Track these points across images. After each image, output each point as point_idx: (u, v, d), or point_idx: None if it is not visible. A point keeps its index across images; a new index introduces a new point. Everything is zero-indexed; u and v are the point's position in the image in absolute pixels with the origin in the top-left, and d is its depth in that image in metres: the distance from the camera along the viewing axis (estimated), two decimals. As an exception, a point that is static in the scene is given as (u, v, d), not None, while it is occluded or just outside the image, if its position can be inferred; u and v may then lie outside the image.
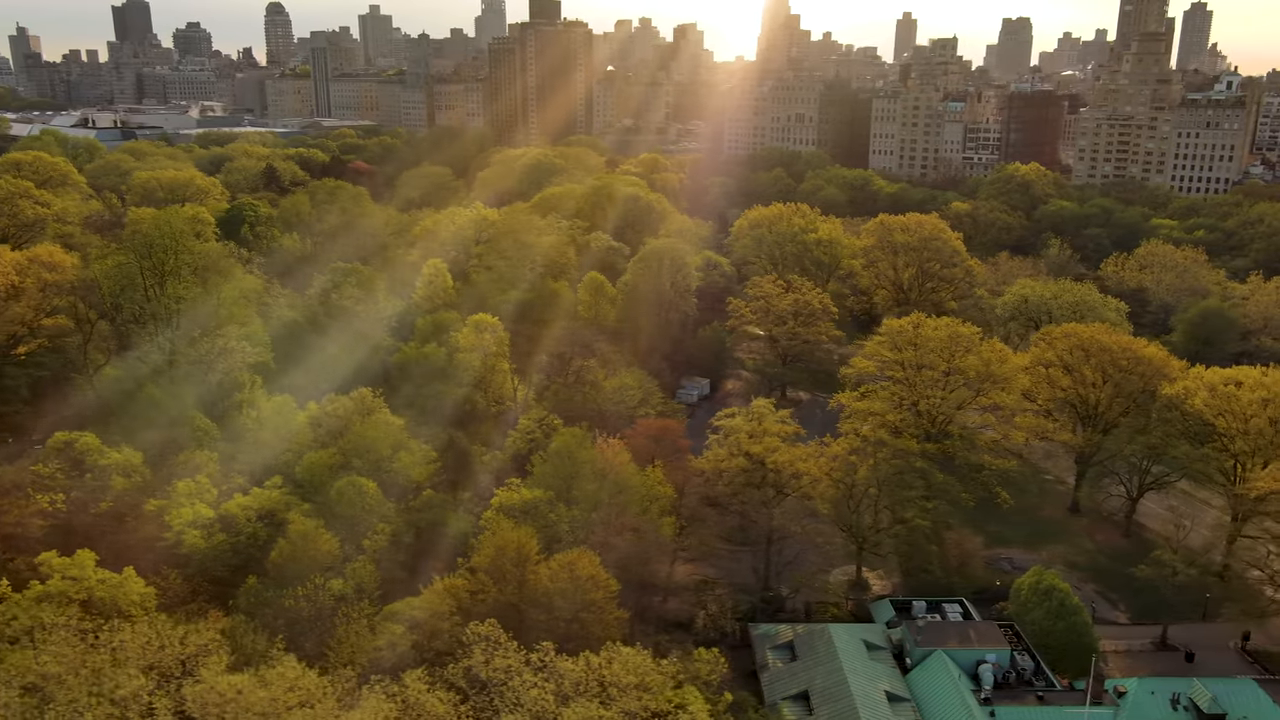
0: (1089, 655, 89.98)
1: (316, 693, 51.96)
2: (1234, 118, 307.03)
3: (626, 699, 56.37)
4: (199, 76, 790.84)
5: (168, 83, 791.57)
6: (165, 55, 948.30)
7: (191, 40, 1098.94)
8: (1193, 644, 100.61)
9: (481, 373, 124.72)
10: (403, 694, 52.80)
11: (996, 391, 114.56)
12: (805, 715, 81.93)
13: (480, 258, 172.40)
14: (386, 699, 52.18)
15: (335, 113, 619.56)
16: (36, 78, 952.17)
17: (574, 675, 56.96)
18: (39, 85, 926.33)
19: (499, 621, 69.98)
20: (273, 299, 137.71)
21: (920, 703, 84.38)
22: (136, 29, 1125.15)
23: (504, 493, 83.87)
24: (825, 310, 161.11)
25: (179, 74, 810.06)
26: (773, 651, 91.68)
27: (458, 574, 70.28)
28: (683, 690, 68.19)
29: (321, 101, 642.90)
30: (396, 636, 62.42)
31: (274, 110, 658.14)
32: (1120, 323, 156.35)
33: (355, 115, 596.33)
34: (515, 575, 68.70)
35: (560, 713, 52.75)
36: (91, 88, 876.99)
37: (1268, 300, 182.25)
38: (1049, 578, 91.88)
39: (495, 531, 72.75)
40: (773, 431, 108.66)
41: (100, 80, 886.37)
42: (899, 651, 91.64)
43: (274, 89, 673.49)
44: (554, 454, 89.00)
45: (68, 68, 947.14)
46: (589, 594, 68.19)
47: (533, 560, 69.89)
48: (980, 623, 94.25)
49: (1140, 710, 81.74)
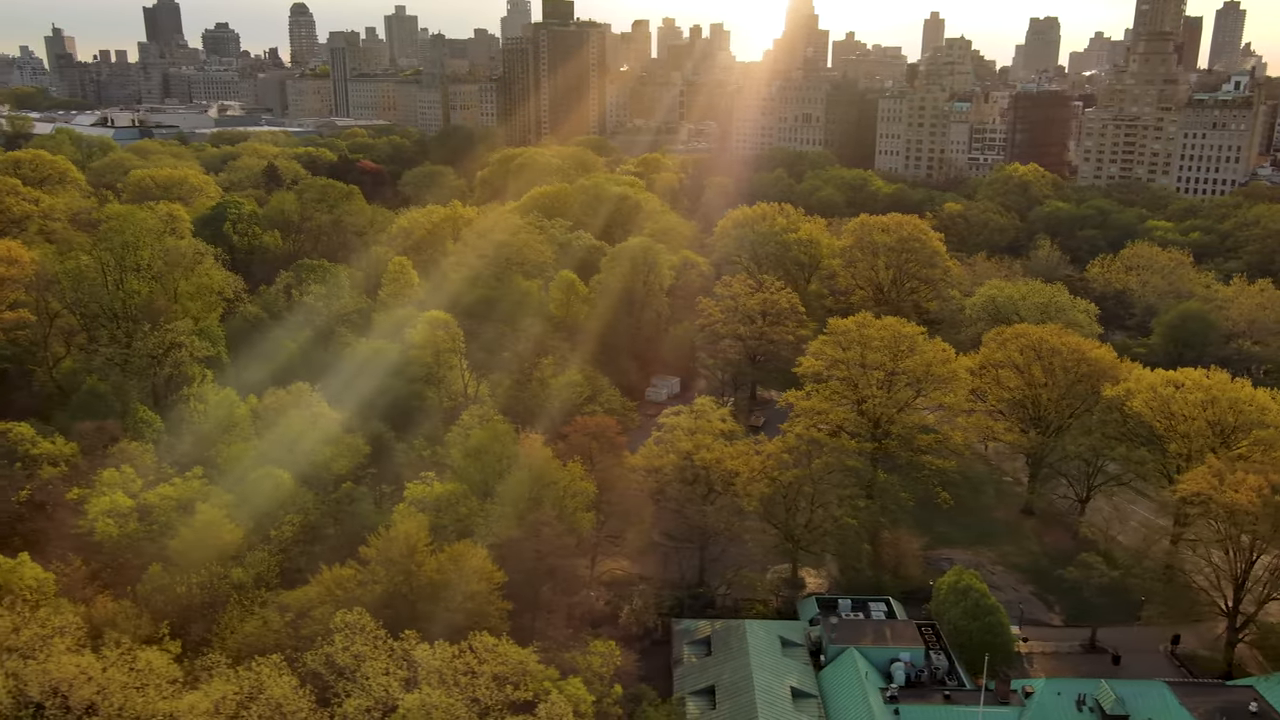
0: (1005, 655, 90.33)
1: (164, 674, 53.48)
2: (1241, 118, 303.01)
3: (480, 686, 57.38)
4: (223, 76, 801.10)
5: (192, 83, 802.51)
6: (191, 55, 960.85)
7: (220, 41, 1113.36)
8: (1124, 647, 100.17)
9: (434, 368, 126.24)
10: (248, 677, 54.21)
11: (936, 391, 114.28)
12: (709, 709, 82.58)
13: (454, 255, 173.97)
14: (229, 681, 53.62)
15: (354, 112, 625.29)
16: (68, 78, 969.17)
17: (431, 663, 58.05)
18: (70, 85, 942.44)
19: (393, 611, 71.49)
20: (236, 295, 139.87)
21: (827, 699, 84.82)
22: (167, 29, 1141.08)
23: (415, 486, 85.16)
24: (794, 310, 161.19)
25: (204, 74, 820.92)
26: (689, 646, 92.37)
27: (347, 565, 71.58)
28: (566, 681, 69.17)
29: (340, 101, 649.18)
30: (268, 623, 63.85)
31: (294, 110, 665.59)
32: (1089, 324, 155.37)
33: (373, 115, 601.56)
34: (403, 566, 69.98)
35: (401, 698, 53.87)
36: (120, 87, 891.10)
37: (1250, 303, 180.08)
38: (967, 577, 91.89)
39: (393, 524, 74.06)
40: (713, 430, 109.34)
41: (129, 80, 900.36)
42: (817, 649, 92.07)
43: (294, 89, 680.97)
44: (472, 449, 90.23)
45: (98, 68, 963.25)
46: (472, 585, 69.31)
47: (421, 552, 71.10)
48: (898, 621, 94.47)
49: (1045, 711, 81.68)
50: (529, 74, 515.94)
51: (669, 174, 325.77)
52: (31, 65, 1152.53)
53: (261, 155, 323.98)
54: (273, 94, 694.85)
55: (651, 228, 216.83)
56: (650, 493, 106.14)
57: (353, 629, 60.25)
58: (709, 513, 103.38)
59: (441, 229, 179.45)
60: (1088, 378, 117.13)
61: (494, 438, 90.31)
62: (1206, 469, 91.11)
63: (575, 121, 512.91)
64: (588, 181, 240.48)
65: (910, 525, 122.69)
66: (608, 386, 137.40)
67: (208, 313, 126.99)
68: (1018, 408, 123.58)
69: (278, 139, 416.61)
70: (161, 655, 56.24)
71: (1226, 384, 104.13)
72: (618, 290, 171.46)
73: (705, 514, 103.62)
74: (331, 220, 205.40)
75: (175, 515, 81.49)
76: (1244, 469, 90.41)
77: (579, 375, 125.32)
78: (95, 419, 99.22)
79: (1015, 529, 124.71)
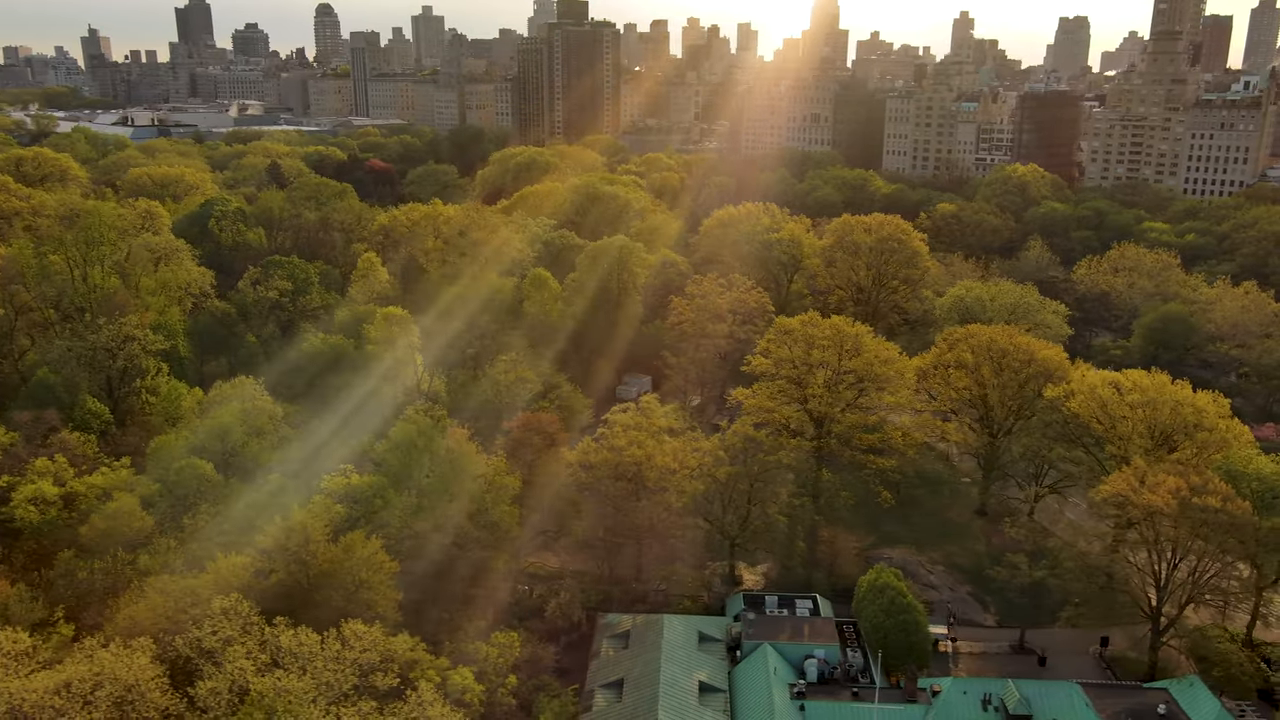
0: (921, 653, 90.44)
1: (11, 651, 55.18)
2: (1249, 119, 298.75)
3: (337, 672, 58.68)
4: (248, 76, 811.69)
5: (218, 82, 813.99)
6: (218, 55, 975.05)
7: (249, 41, 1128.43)
8: (1054, 648, 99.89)
9: (390, 364, 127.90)
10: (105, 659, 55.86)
11: (877, 391, 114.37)
12: (616, 702, 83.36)
13: (431, 253, 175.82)
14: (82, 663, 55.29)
15: (373, 112, 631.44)
16: (100, 78, 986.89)
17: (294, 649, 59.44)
18: (102, 85, 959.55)
19: (290, 599, 73.03)
20: (203, 291, 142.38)
21: (736, 694, 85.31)
22: (198, 30, 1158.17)
23: (329, 478, 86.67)
24: (763, 309, 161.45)
25: (229, 74, 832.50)
26: (609, 640, 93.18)
27: (244, 553, 73.13)
28: (455, 670, 70.35)
29: (361, 101, 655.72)
30: (153, 607, 65.52)
31: (316, 109, 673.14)
32: (1058, 325, 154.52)
33: (392, 114, 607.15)
34: (298, 555, 71.45)
35: (252, 681, 55.23)
36: (150, 87, 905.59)
37: (1234, 306, 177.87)
38: (885, 576, 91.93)
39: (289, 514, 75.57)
40: (650, 427, 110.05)
41: (158, 80, 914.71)
42: (735, 644, 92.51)
43: (316, 88, 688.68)
44: (394, 442, 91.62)
45: (128, 68, 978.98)
46: (362, 574, 70.69)
47: (315, 542, 72.52)
48: (817, 619, 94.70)
49: (949, 709, 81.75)
50: (543, 74, 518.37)
51: (670, 174, 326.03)
52: (66, 65, 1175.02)
53: (270, 154, 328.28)
54: (296, 93, 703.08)
55: (638, 227, 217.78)
56: (583, 488, 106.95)
57: (227, 614, 61.77)
58: (640, 509, 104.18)
59: (421, 227, 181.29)
60: (1036, 379, 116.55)
61: (417, 432, 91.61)
62: (1129, 471, 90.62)
63: (589, 121, 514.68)
64: (578, 181, 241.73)
65: (861, 524, 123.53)
66: (564, 383, 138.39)
67: (170, 307, 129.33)
68: (969, 408, 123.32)
69: (290, 138, 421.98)
70: (14, 635, 58.05)
71: (1164, 386, 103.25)
72: (592, 288, 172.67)
73: (640, 510, 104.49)
74: (320, 218, 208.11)
75: (96, 504, 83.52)
76: (1166, 470, 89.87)
77: (530, 372, 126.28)
78: (43, 409, 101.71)
79: (965, 529, 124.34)
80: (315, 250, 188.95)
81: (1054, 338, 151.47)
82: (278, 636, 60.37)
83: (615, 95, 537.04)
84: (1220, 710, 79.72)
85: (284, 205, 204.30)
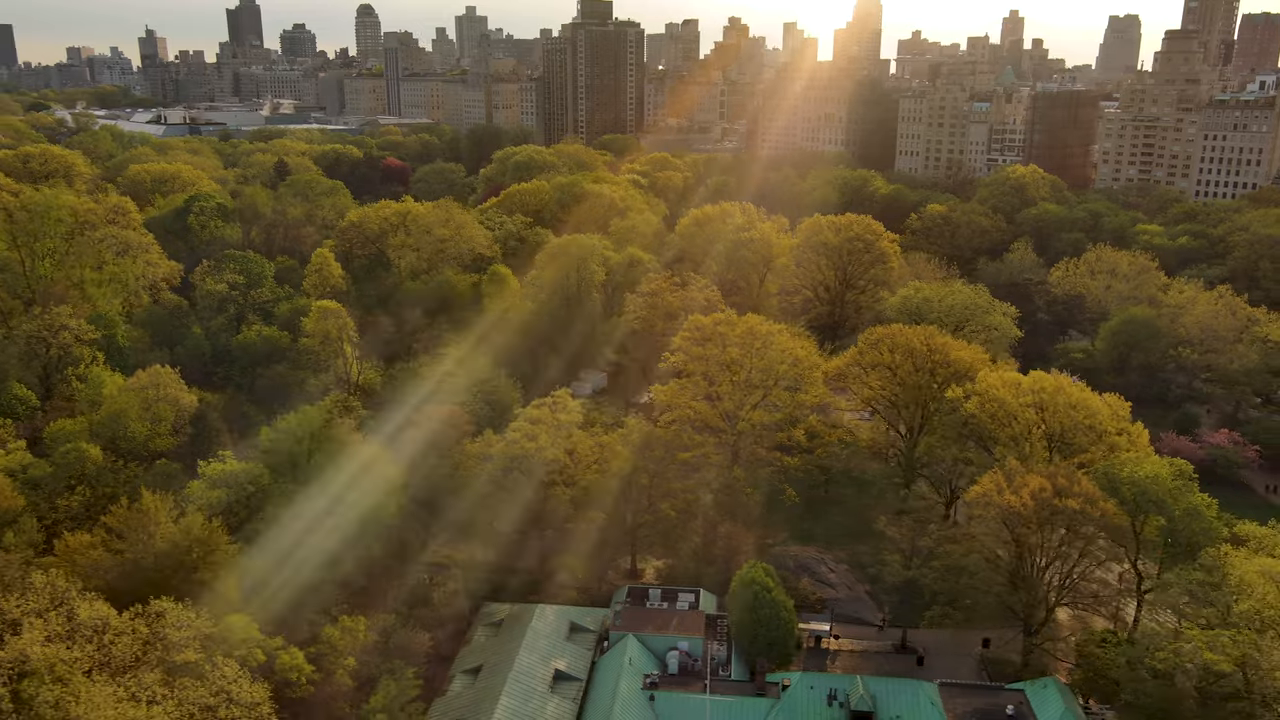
0: (782, 649, 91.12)
1: None
2: (1263, 119, 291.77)
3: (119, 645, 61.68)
4: (289, 76, 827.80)
5: (260, 82, 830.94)
6: (262, 55, 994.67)
7: (297, 41, 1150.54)
8: (940, 649, 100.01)
9: (323, 356, 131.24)
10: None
11: (788, 390, 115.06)
12: (469, 686, 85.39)
13: (398, 249, 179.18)
14: None
15: (405, 111, 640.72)
16: (151, 77, 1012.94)
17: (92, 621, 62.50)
18: (153, 84, 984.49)
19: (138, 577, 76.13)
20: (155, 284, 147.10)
21: (592, 684, 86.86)
22: (248, 30, 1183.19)
23: (208, 465, 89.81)
24: (713, 307, 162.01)
25: (271, 73, 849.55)
26: (484, 628, 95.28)
27: (94, 531, 76.32)
28: (286, 650, 72.87)
29: (393, 100, 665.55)
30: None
31: (350, 108, 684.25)
32: (1006, 326, 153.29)
33: (422, 113, 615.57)
34: (141, 535, 74.49)
35: (33, 652, 58.12)
36: (197, 86, 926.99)
37: (1204, 310, 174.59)
38: (755, 571, 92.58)
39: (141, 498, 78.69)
40: (552, 421, 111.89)
41: (205, 79, 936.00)
42: (606, 635, 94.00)
43: (351, 88, 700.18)
44: (279, 431, 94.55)
45: (177, 68, 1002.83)
46: (194, 554, 73.56)
47: (156, 522, 75.49)
48: (688, 612, 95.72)
49: (795, 703, 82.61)
50: (567, 74, 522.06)
51: (674, 173, 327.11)
52: (121, 65, 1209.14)
53: (279, 151, 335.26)
54: (332, 93, 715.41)
55: (616, 225, 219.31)
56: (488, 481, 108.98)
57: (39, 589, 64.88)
58: (535, 501, 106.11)
59: (392, 223, 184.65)
60: (951, 379, 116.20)
61: (301, 421, 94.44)
62: (998, 472, 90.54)
63: (611, 120, 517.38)
64: (563, 179, 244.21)
65: (781, 522, 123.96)
66: (502, 378, 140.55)
67: (114, 299, 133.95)
68: (889, 408, 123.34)
69: (312, 136, 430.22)
70: None
71: (1058, 388, 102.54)
72: (551, 285, 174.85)
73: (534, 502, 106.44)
74: (304, 213, 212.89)
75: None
76: (1037, 472, 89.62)
77: (454, 366, 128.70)
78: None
79: (881, 530, 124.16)
80: (290, 245, 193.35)
81: (1001, 340, 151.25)
82: (78, 610, 63.38)
83: (639, 95, 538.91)
84: (1064, 711, 79.53)
85: (267, 201, 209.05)
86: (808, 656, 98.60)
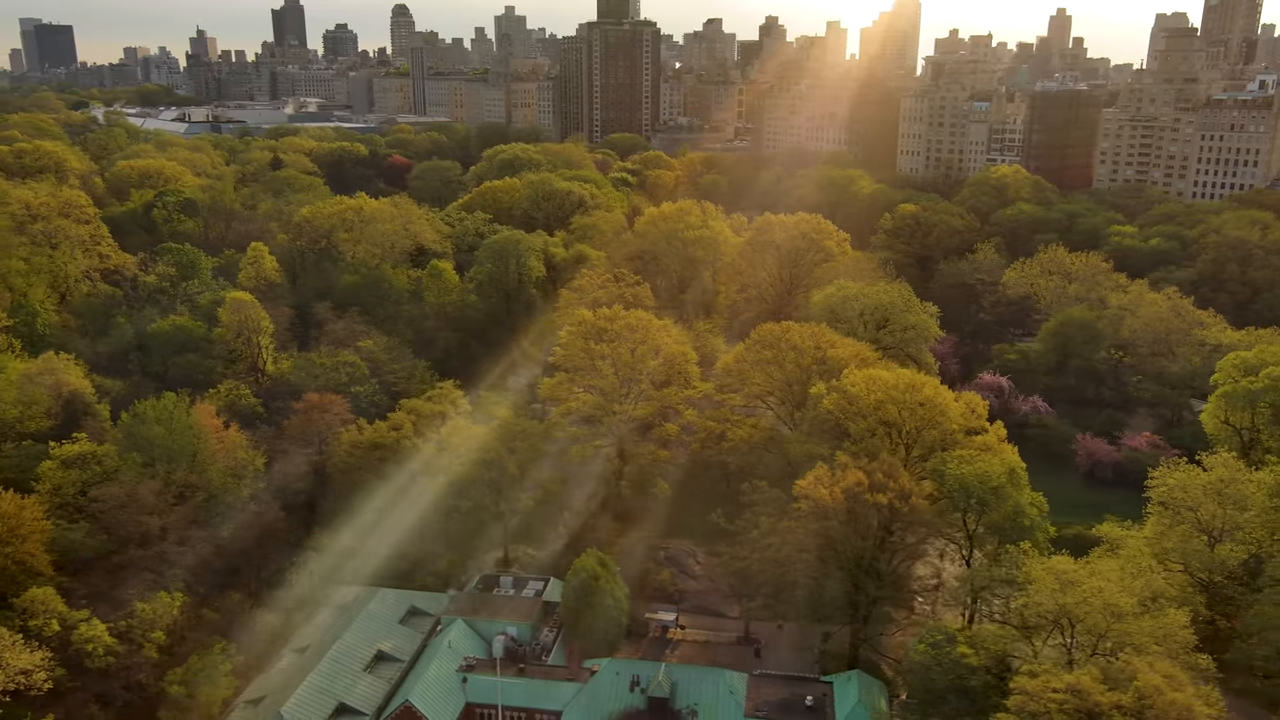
0: (606, 636, 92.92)
1: None
2: (1260, 119, 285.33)
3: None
4: (323, 75, 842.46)
5: (295, 81, 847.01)
6: (299, 55, 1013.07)
7: (339, 40, 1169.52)
8: (787, 642, 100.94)
9: (234, 346, 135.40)
10: None
11: (648, 387, 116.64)
12: (293, 664, 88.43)
13: (345, 245, 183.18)
14: None
15: (430, 110, 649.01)
16: (195, 76, 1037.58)
17: None
18: (197, 83, 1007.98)
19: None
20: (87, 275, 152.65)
21: (416, 665, 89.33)
22: (292, 29, 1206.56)
23: (60, 446, 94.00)
24: (639, 303, 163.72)
25: (306, 72, 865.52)
26: (328, 609, 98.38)
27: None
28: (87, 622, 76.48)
29: (419, 99, 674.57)
30: None
31: (379, 106, 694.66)
32: (928, 325, 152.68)
33: (446, 112, 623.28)
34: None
35: None
36: (238, 85, 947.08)
37: (1149, 313, 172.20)
38: (588, 560, 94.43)
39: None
40: (432, 410, 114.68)
41: (245, 79, 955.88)
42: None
43: (380, 86, 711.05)
44: (136, 416, 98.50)
45: (219, 67, 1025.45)
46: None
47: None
48: (523, 599, 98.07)
49: (599, 688, 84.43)
50: (582, 73, 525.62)
51: (666, 172, 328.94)
52: (169, 65, 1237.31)
53: (286, 149, 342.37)
54: (362, 92, 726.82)
55: (579, 221, 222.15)
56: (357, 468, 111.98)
57: None
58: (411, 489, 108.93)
59: (345, 218, 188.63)
60: (826, 375, 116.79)
61: (156, 408, 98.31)
62: (822, 468, 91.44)
63: (625, 119, 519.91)
64: (534, 177, 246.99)
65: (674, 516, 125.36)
66: (420, 369, 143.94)
67: (40, 288, 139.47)
68: (779, 405, 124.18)
69: (325, 134, 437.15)
70: None
71: (911, 385, 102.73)
72: (491, 279, 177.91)
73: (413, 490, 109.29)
74: (273, 209, 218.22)
75: None
76: (857, 466, 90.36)
77: (353, 356, 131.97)
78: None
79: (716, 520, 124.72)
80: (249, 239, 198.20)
81: (917, 339, 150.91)
82: None
83: (655, 94, 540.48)
84: (857, 704, 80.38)
85: (234, 197, 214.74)
86: (651, 645, 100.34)
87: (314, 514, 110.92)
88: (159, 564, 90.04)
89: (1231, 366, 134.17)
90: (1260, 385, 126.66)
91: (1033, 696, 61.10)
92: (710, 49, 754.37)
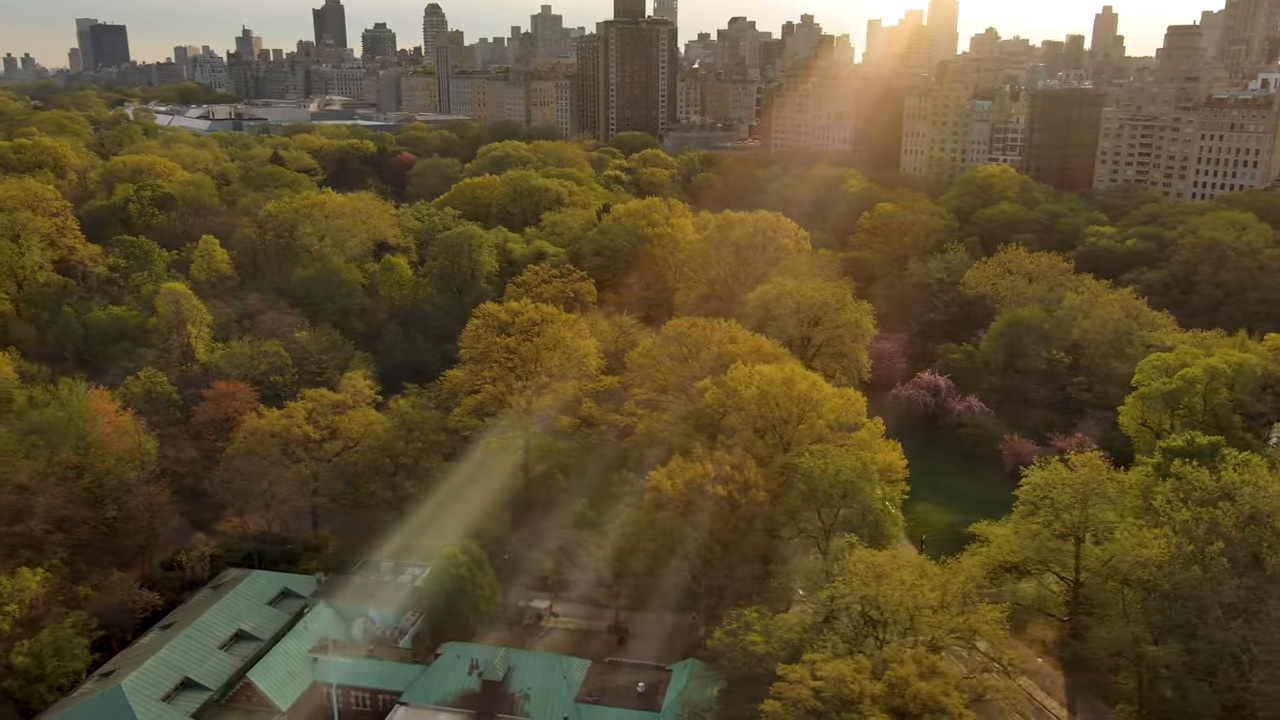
0: (463, 622, 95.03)
1: None
2: (1260, 119, 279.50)
3: None
4: (354, 73, 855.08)
5: (328, 79, 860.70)
6: (334, 53, 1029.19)
7: (378, 40, 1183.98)
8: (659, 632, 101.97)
9: (169, 336, 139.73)
10: None
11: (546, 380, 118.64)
12: (157, 640, 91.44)
13: (304, 238, 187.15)
14: None
15: (454, 108, 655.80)
16: (235, 75, 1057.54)
17: None
18: (237, 82, 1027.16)
19: None
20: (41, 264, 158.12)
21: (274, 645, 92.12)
22: (332, 29, 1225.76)
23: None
24: (578, 299, 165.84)
25: (339, 71, 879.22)
26: (209, 590, 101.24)
27: None
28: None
29: (443, 97, 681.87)
30: None
31: (406, 104, 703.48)
32: (865, 324, 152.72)
33: (469, 110, 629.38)
34: None
35: None
36: (274, 83, 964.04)
37: (1102, 314, 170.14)
38: (452, 548, 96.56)
39: None
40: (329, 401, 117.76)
41: (281, 77, 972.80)
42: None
43: (407, 85, 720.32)
44: (28, 401, 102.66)
45: (258, 65, 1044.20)
46: None
47: None
48: (395, 584, 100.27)
49: (439, 671, 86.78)
50: (599, 71, 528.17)
51: (661, 170, 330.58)
52: (212, 63, 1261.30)
53: (288, 145, 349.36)
54: (390, 90, 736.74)
55: (548, 218, 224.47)
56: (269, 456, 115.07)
57: None
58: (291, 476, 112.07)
59: (309, 212, 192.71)
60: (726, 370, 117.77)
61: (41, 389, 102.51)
62: (673, 462, 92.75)
63: (641, 117, 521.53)
64: (514, 174, 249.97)
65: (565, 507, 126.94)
66: (357, 359, 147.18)
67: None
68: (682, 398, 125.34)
69: (338, 131, 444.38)
70: None
71: (787, 379, 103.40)
72: (444, 273, 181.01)
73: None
74: (252, 202, 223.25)
75: None
76: (708, 459, 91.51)
77: (274, 346, 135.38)
78: None
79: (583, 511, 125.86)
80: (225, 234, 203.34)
81: (845, 337, 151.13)
82: None
83: (671, 92, 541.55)
84: (683, 689, 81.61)
85: (214, 193, 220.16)
86: (522, 633, 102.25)
87: (209, 499, 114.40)
88: (37, 542, 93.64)
89: (1151, 368, 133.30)
90: (1173, 386, 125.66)
91: (792, 684, 62.09)
92: (733, 48, 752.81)
